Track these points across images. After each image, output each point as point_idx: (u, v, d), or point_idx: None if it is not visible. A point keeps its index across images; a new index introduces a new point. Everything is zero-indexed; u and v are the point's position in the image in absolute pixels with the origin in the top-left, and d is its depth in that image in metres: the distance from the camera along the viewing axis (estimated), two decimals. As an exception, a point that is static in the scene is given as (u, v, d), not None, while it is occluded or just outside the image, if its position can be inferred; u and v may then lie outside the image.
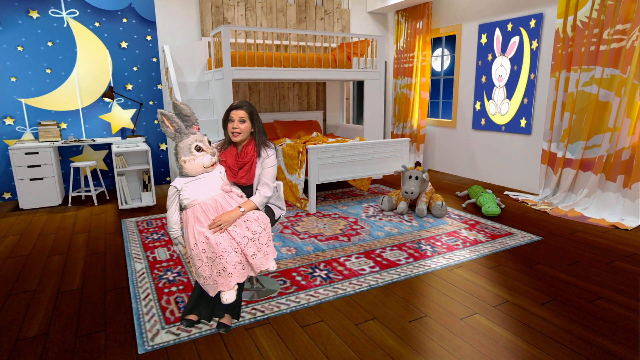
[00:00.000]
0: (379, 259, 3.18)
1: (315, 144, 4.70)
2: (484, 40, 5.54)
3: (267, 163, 2.44)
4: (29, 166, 4.56)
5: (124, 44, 5.24)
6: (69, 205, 4.82)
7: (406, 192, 4.08)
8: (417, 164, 4.32)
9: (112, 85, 5.25)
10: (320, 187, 5.52)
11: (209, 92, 5.54)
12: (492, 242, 3.51)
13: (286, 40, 6.02)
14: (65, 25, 4.90)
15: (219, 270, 2.11)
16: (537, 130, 5.02)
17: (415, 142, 6.66)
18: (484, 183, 5.73)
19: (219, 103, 5.00)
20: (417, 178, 4.15)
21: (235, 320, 2.35)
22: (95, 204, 4.85)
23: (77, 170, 5.27)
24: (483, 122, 5.70)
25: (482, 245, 3.46)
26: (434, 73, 6.73)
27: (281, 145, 4.94)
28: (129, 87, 5.38)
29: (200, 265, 2.14)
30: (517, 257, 3.21)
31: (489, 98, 5.57)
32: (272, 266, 2.26)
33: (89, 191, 5.15)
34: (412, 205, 4.49)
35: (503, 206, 4.47)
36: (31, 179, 4.60)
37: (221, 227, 2.16)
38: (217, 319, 2.34)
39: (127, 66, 5.31)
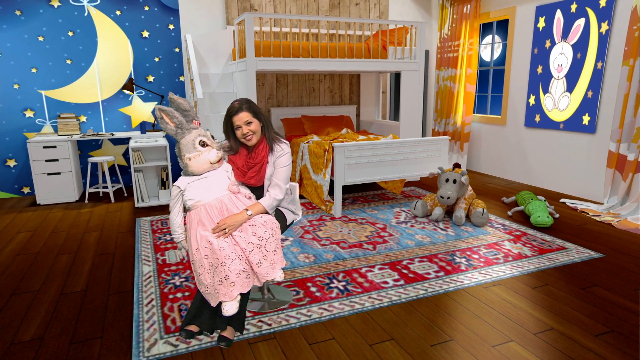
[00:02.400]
0: (405, 271, 3.06)
1: (343, 142, 4.62)
2: (541, 24, 5.24)
3: (280, 162, 2.39)
4: (46, 160, 4.77)
5: (145, 34, 5.38)
6: (86, 201, 5.00)
7: (442, 197, 3.91)
8: (456, 165, 4.13)
9: (132, 76, 5.40)
10: (349, 189, 5.43)
11: (233, 84, 5.59)
12: (540, 258, 3.29)
13: (317, 28, 5.96)
14: (86, 14, 5.09)
15: (221, 279, 2.08)
16: (604, 128, 4.68)
17: (459, 141, 6.42)
18: (537, 189, 5.43)
19: (243, 96, 5.02)
20: (455, 181, 3.97)
21: (239, 334, 2.31)
22: (112, 201, 5.01)
23: (95, 165, 5.47)
24: (537, 118, 5.41)
25: (527, 260, 3.24)
26: (482, 63, 6.46)
27: (307, 142, 4.90)
28: (150, 78, 5.52)
29: (202, 272, 2.12)
30: (569, 277, 2.98)
31: (546, 91, 5.26)
32: (279, 276, 2.20)
33: (107, 187, 5.32)
34: (449, 212, 4.31)
35: (557, 216, 4.20)
36: (49, 174, 4.82)
37: (225, 232, 2.12)
38: (219, 331, 2.31)
39: (148, 57, 5.45)
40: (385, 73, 6.69)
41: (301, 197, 5.01)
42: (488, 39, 6.33)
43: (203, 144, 2.23)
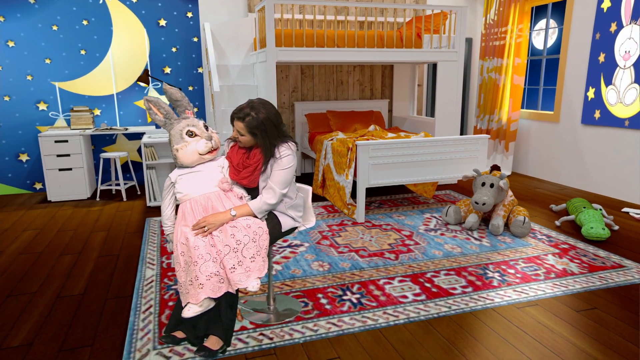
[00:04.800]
0: (427, 284, 2.96)
1: (370, 139, 4.54)
2: (606, 4, 4.97)
3: (279, 164, 2.34)
4: (58, 155, 4.95)
5: (162, 22, 5.49)
6: (97, 199, 5.16)
7: (476, 203, 3.77)
8: (495, 167, 3.97)
9: (147, 68, 5.52)
10: (376, 191, 5.34)
11: (253, 76, 5.62)
12: (589, 276, 3.10)
13: (345, 15, 5.90)
14: (101, 1, 5.25)
15: (191, 279, 2.11)
16: (673, 127, 4.39)
17: (504, 140, 6.20)
18: (595, 195, 5.16)
19: (263, 90, 5.04)
20: (492, 185, 3.81)
21: (225, 346, 2.28)
22: (124, 199, 5.14)
23: (107, 161, 5.63)
24: (597, 114, 5.13)
25: (572, 278, 3.06)
26: (533, 52, 6.21)
27: (331, 140, 4.85)
28: (167, 70, 5.63)
29: (178, 268, 2.17)
30: (624, 300, 2.79)
31: (608, 83, 4.99)
32: (253, 286, 2.15)
33: (120, 185, 5.47)
34: (486, 219, 4.15)
35: (615, 228, 3.96)
36: (60, 169, 4.99)
37: (205, 230, 2.13)
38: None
39: (165, 47, 5.56)
40: (420, 64, 6.55)
41: (324, 199, 4.97)
42: (541, 24, 6.08)
43: (191, 134, 2.28)
